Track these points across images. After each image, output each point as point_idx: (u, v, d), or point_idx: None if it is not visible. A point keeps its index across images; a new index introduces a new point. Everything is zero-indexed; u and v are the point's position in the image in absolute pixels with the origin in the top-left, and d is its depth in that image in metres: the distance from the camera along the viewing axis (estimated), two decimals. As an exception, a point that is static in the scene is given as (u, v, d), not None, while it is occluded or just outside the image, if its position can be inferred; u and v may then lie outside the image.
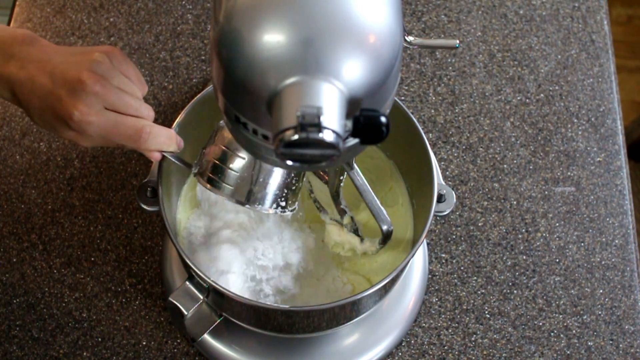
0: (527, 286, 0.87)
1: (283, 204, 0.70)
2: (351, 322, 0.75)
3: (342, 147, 0.50)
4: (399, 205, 0.81)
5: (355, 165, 0.72)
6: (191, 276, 0.70)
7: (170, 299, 0.70)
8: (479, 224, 0.89)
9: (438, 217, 0.89)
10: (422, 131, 0.73)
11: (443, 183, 0.73)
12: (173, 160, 0.68)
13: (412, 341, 0.84)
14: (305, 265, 0.78)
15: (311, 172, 0.77)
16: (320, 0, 0.50)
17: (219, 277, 0.74)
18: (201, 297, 0.70)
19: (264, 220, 0.77)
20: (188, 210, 0.80)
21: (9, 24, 0.99)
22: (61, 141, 0.92)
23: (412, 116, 0.74)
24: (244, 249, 0.75)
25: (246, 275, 0.75)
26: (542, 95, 0.97)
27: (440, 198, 0.72)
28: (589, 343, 0.85)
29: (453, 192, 0.73)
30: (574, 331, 0.85)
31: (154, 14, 1.00)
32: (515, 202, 0.91)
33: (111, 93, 0.61)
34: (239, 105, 0.55)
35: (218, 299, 0.71)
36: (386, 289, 0.74)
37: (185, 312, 0.69)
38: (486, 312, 0.86)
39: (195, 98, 0.74)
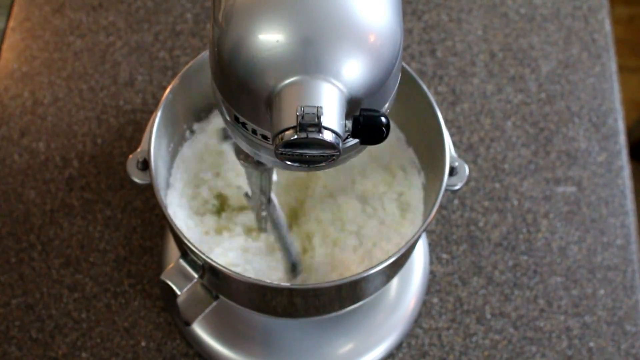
0: (528, 287, 0.86)
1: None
2: (357, 304, 0.72)
3: (341, 147, 0.50)
4: (408, 179, 0.78)
5: (274, 199, 0.69)
6: (185, 253, 0.67)
7: (162, 277, 0.66)
8: (480, 224, 0.89)
9: (439, 216, 0.89)
10: (432, 98, 0.69)
11: (455, 155, 0.69)
12: None
13: (413, 342, 0.84)
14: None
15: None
16: None
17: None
18: (195, 276, 0.66)
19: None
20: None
21: (7, 22, 0.99)
22: (60, 141, 0.92)
23: (422, 84, 0.70)
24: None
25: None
26: (543, 94, 0.96)
27: (452, 171, 0.68)
28: (590, 344, 0.84)
29: (466, 165, 0.69)
30: (575, 332, 0.85)
31: (153, 13, 1.00)
32: (516, 202, 0.90)
33: None
34: (238, 105, 0.54)
35: (213, 277, 0.68)
36: (397, 264, 0.71)
37: (178, 292, 0.66)
38: (487, 312, 0.85)
39: (189, 64, 0.71)
